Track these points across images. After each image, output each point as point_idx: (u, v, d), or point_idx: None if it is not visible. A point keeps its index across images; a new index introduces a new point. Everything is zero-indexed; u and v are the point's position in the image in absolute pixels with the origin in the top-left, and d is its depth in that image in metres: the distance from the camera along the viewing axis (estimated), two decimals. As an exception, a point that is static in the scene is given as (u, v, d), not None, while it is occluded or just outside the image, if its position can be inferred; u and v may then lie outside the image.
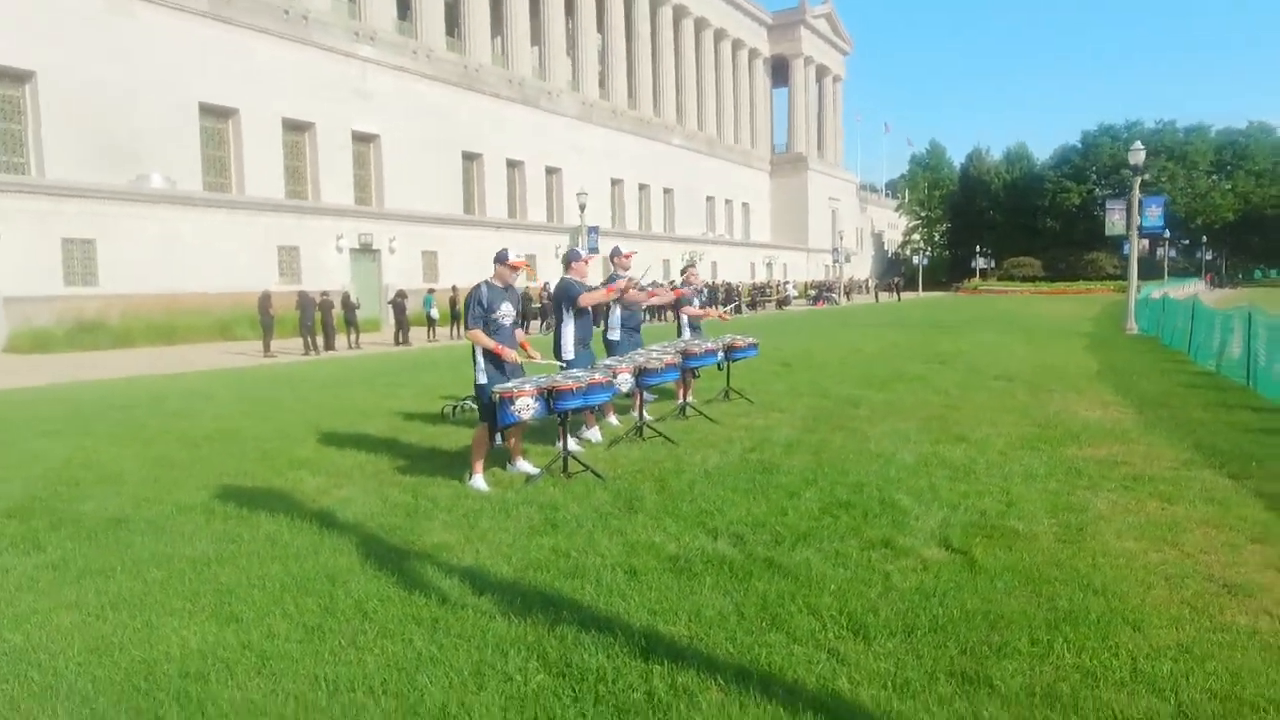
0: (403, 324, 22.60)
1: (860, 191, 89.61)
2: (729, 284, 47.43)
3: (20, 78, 25.48)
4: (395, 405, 9.96)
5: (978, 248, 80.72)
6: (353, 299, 22.60)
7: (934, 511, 4.93)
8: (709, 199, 62.33)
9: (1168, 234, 41.02)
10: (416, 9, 39.47)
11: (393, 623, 3.39)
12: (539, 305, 28.07)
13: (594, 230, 30.66)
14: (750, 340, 9.56)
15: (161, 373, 15.85)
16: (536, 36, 46.95)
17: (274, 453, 7.09)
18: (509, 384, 5.57)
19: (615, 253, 8.00)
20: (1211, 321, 13.64)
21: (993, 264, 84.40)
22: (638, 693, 2.78)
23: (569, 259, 7.33)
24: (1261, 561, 4.08)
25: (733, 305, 10.54)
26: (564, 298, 7.05)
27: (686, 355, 7.99)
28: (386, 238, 34.30)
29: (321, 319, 20.95)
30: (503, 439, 6.00)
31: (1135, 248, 20.31)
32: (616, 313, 7.74)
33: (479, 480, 5.77)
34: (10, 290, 22.70)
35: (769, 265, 65.16)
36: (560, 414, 5.80)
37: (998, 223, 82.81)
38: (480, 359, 5.83)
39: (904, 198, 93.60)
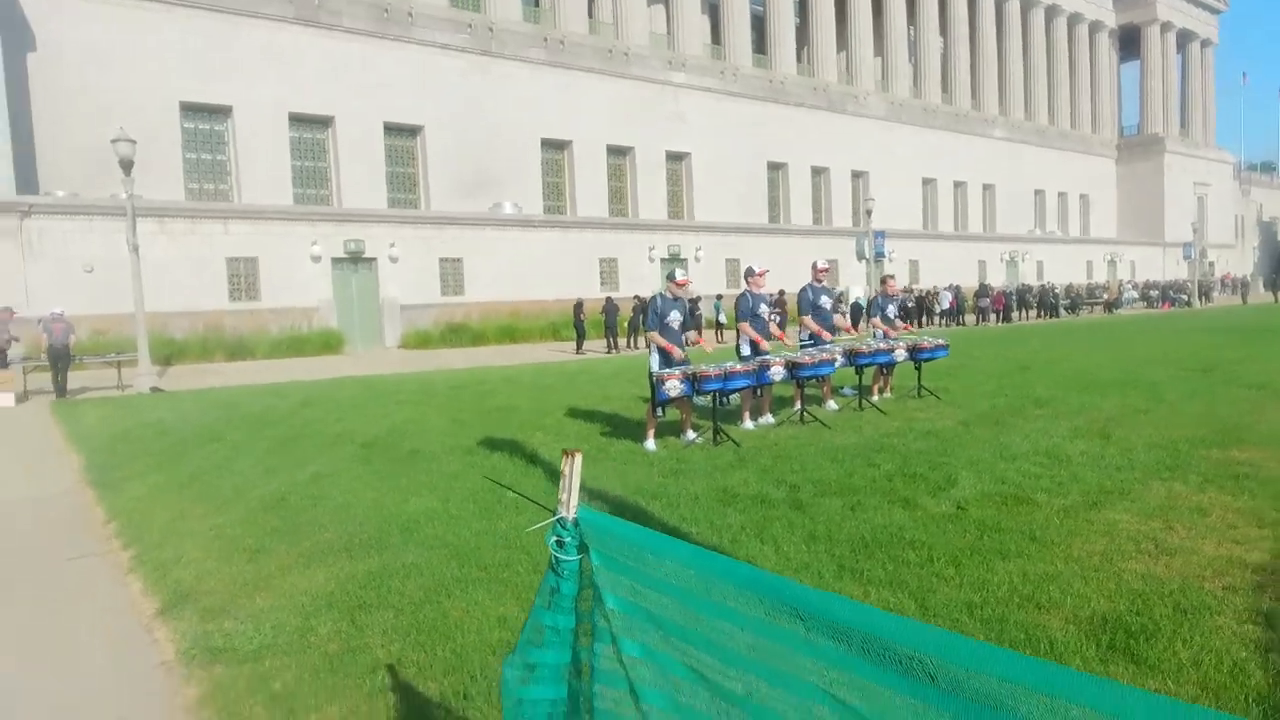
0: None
1: (1244, 172, 76.57)
2: (1044, 286, 44.19)
3: (413, 131, 32.51)
4: (638, 391, 12.26)
5: None
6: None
7: (980, 484, 5.90)
8: (1038, 193, 57.94)
9: None
10: (726, 32, 42.42)
11: (527, 510, 5.47)
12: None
13: (880, 235, 31.10)
14: (939, 342, 10.40)
15: (494, 365, 19.96)
16: (843, 43, 47.66)
17: (529, 421, 9.68)
18: (664, 369, 7.45)
19: (749, 272, 8.99)
20: None
21: None
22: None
23: (747, 274, 8.93)
24: (1231, 538, 4.62)
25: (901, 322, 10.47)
26: (737, 309, 8.72)
27: (854, 354, 9.21)
28: (693, 247, 37.57)
29: (623, 321, 24.31)
30: (663, 413, 7.84)
31: None
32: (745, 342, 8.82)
33: (649, 442, 7.72)
34: (404, 300, 29.24)
35: (1111, 263, 58.76)
36: (708, 394, 7.56)
37: None
38: (654, 352, 7.77)
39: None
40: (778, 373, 8.21)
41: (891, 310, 10.76)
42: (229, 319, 25.49)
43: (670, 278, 7.92)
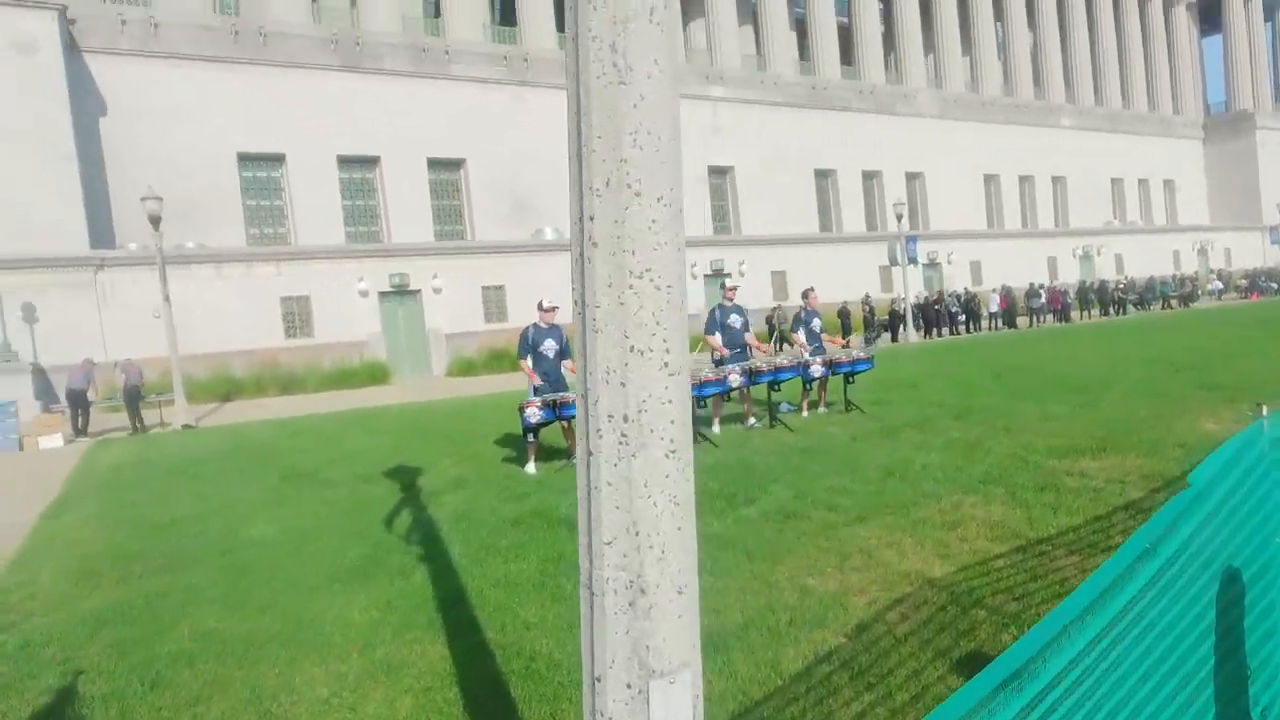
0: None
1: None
2: (1105, 282, 42.10)
3: (456, 165, 33.95)
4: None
5: None
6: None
7: (776, 502, 6.14)
8: (1115, 181, 55.27)
9: None
10: (766, 41, 42.44)
11: (337, 534, 6.06)
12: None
13: (913, 239, 30.38)
14: (859, 355, 10.52)
15: (516, 390, 20.67)
16: (890, 43, 46.96)
17: (457, 448, 10.29)
18: (530, 397, 7.93)
19: (721, 285, 9.48)
20: None
21: None
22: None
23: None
24: (943, 553, 4.78)
25: (848, 337, 11.36)
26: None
27: (754, 372, 9.44)
28: (737, 261, 37.69)
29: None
30: (534, 437, 8.24)
31: None
32: None
33: (529, 466, 8.19)
34: (449, 329, 30.54)
35: (1201, 251, 55.39)
36: (570, 418, 7.99)
37: None
38: (529, 381, 8.26)
39: None
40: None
41: (816, 324, 10.84)
42: (284, 355, 27.23)
43: (539, 306, 8.42)
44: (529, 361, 8.26)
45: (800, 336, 10.65)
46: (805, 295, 11.14)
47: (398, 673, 3.61)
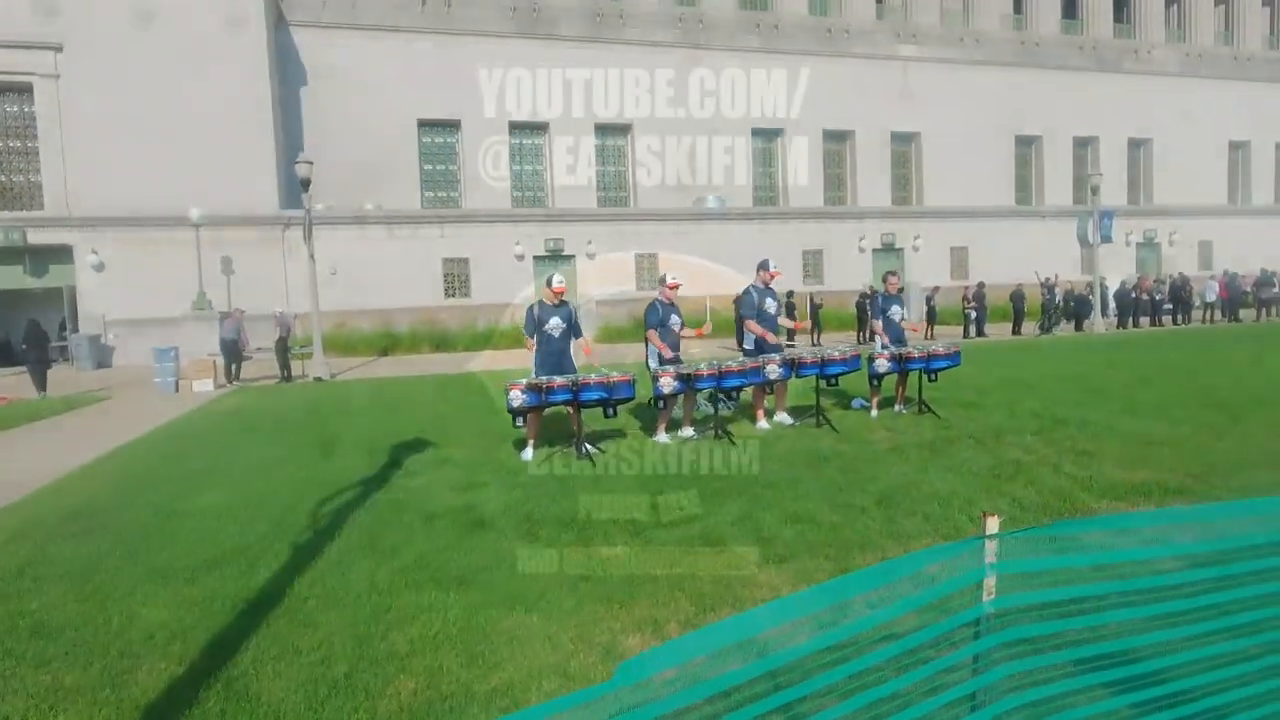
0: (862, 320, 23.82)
1: None
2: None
3: (624, 130, 33.75)
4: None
5: None
6: (815, 300, 24.69)
7: (714, 523, 5.27)
8: None
9: None
10: (971, -3, 38.64)
11: (370, 477, 5.92)
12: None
13: (1108, 215, 26.34)
14: (936, 350, 9.12)
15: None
16: (1122, -8, 41.23)
17: (500, 420, 10.00)
18: (515, 379, 7.45)
19: (661, 280, 8.65)
20: None
21: None
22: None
23: (660, 281, 8.58)
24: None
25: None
26: (645, 319, 8.46)
27: (798, 364, 8.39)
28: (911, 235, 34.99)
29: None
30: (522, 421, 7.69)
31: None
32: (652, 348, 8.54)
33: (526, 451, 7.75)
34: (599, 295, 30.70)
35: None
36: (558, 404, 7.44)
37: None
38: (532, 363, 7.79)
39: None
40: (667, 384, 7.79)
41: (895, 312, 9.46)
42: (442, 314, 28.59)
43: (548, 284, 7.91)
44: (535, 340, 7.80)
45: (878, 325, 9.42)
46: (885, 279, 9.81)
47: (105, 692, 3.31)
